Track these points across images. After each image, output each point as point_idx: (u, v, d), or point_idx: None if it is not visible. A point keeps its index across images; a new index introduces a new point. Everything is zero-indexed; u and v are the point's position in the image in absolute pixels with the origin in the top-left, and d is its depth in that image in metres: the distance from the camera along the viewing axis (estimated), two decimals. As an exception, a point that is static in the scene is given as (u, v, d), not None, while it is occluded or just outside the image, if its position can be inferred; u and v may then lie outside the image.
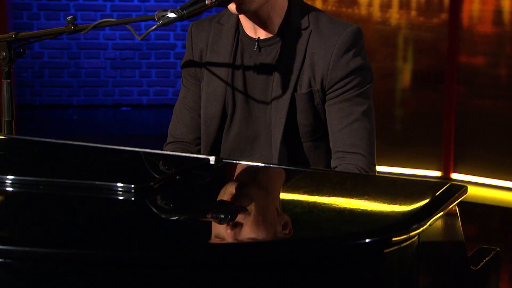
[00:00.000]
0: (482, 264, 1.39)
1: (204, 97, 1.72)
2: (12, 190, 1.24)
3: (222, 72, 1.69)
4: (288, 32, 1.66)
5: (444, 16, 4.12)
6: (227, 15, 1.71)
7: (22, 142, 1.70)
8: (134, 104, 4.99)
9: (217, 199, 1.32)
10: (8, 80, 1.75)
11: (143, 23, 4.71)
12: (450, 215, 1.29)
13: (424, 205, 1.20)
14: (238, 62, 1.69)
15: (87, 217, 1.17)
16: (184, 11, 1.49)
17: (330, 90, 1.62)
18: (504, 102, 4.05)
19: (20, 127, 3.20)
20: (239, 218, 1.20)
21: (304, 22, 1.65)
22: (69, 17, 1.67)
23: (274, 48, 1.66)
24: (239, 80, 1.70)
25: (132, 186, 1.20)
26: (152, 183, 1.21)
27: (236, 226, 1.12)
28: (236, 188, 1.39)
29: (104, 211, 1.19)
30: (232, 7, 1.54)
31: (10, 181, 1.24)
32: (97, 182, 1.24)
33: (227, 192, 1.36)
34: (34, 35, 1.77)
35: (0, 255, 0.97)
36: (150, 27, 1.63)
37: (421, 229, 1.09)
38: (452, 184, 1.29)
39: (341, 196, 1.36)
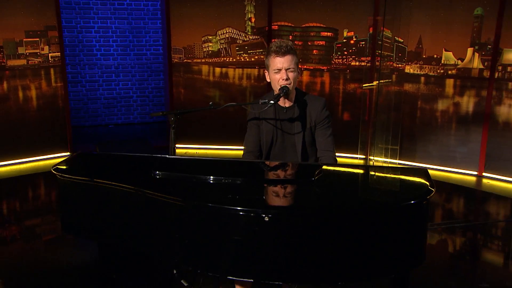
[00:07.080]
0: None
1: (264, 132, 2.40)
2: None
3: (271, 121, 2.38)
4: (298, 103, 2.36)
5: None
6: (269, 97, 2.32)
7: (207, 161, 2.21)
8: (114, 123, 7.41)
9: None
10: (173, 130, 2.28)
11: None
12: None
13: (429, 180, 1.67)
14: (277, 117, 2.36)
15: (301, 193, 1.72)
16: (275, 100, 2.22)
17: (317, 126, 2.37)
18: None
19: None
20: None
21: (304, 98, 2.36)
22: (211, 102, 2.27)
23: (293, 110, 2.36)
24: (278, 125, 2.36)
25: (312, 179, 1.75)
26: (313, 178, 1.77)
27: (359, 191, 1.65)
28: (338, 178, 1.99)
29: (304, 190, 1.73)
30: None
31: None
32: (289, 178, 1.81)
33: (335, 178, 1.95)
34: (187, 111, 2.28)
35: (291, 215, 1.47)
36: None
37: (433, 193, 1.58)
38: (426, 168, 1.72)
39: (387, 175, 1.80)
